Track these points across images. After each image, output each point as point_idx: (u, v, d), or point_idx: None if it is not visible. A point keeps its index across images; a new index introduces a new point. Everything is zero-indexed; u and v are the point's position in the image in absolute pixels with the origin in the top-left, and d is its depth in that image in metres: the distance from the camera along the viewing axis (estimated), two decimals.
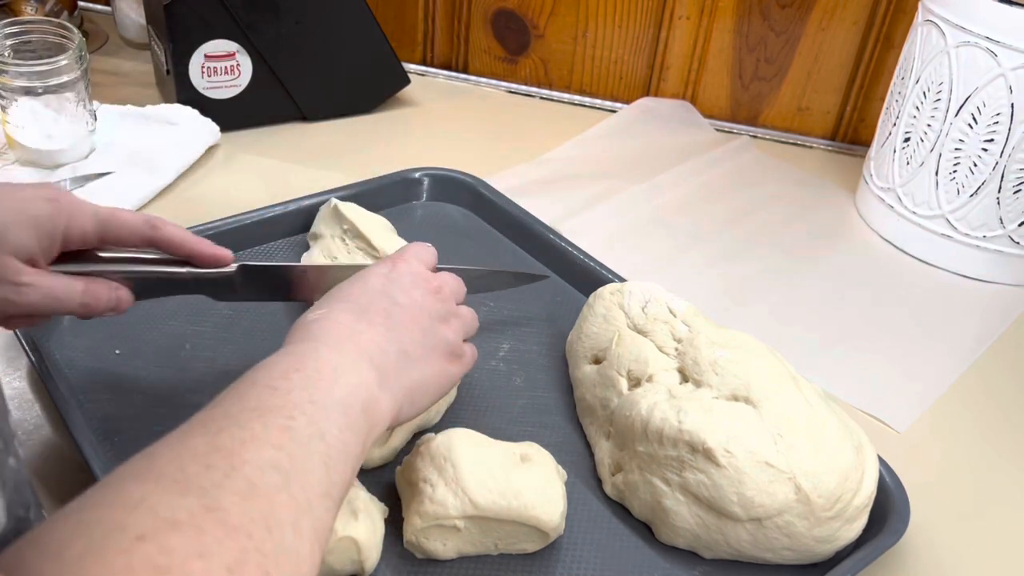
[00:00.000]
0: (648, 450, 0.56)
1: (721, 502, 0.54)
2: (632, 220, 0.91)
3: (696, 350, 0.60)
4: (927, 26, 0.85)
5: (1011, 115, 0.80)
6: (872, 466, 0.57)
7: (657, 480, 0.56)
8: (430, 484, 0.53)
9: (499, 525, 0.54)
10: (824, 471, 0.54)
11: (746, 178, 1.01)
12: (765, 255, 0.88)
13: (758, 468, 0.53)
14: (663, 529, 0.57)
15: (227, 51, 0.93)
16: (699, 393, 0.57)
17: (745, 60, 1.08)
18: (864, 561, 0.54)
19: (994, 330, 0.82)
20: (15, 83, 0.81)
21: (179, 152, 0.88)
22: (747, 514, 0.53)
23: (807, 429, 0.55)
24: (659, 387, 0.59)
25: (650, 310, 0.64)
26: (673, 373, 0.60)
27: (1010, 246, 0.86)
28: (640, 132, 1.07)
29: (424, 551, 0.54)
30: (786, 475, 0.53)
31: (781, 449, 0.54)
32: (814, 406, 0.57)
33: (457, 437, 0.55)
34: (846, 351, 0.77)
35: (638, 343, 0.62)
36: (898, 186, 0.90)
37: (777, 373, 0.58)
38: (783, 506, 0.53)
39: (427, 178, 0.87)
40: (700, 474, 0.54)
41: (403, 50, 1.14)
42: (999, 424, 0.72)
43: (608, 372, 0.63)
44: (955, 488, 0.65)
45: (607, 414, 0.62)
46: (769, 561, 0.56)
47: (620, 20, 1.08)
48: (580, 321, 0.69)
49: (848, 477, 0.54)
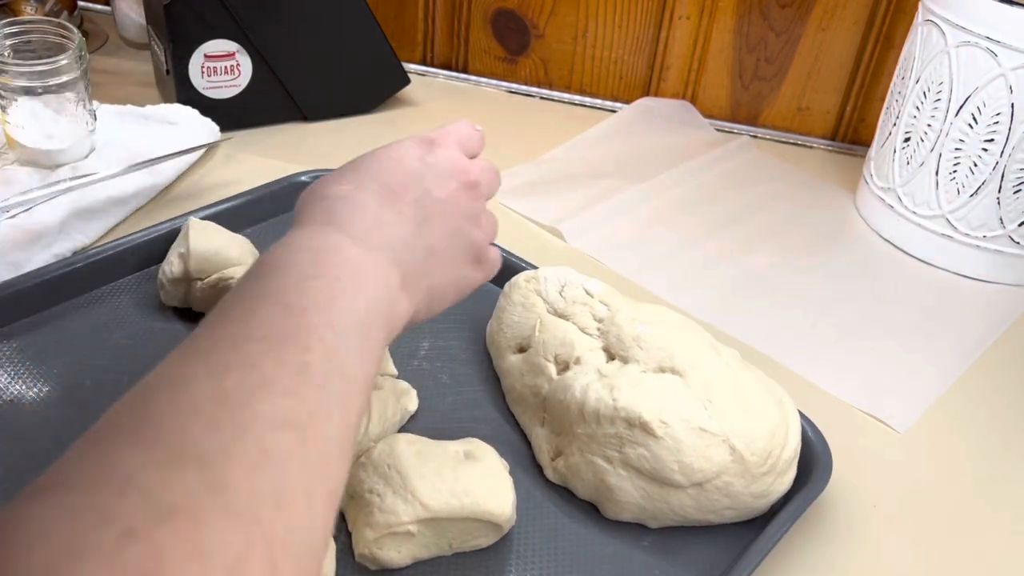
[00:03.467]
0: (586, 431, 0.58)
1: (663, 472, 0.55)
2: (632, 220, 0.91)
3: (618, 328, 0.61)
4: (927, 26, 0.85)
5: (1011, 115, 0.80)
6: (795, 420, 0.60)
7: (598, 459, 0.57)
8: (377, 494, 0.53)
9: (452, 524, 0.53)
10: (754, 430, 0.56)
11: (746, 178, 1.01)
12: (765, 255, 0.88)
13: (694, 435, 0.55)
14: (609, 506, 0.58)
15: (227, 51, 0.93)
16: (627, 369, 0.58)
17: (745, 60, 1.08)
18: (799, 510, 0.57)
19: (994, 330, 0.82)
20: (15, 83, 0.81)
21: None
22: (688, 480, 0.55)
23: (732, 392, 0.57)
24: (588, 368, 0.60)
25: (567, 293, 0.65)
26: (599, 353, 0.61)
27: (1010, 246, 0.86)
28: (640, 132, 1.07)
29: (378, 562, 0.53)
30: (720, 438, 0.55)
31: (712, 414, 0.56)
32: (735, 370, 0.59)
33: (398, 444, 0.54)
34: (846, 351, 0.77)
35: (561, 327, 0.63)
36: (898, 186, 0.90)
37: (698, 342, 0.60)
38: (720, 468, 0.55)
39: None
40: (640, 447, 0.56)
41: (403, 50, 1.14)
42: (1000, 424, 0.72)
43: (535, 359, 0.63)
44: (955, 488, 0.65)
45: (539, 401, 0.62)
46: (712, 522, 0.58)
47: (620, 20, 1.08)
48: (498, 312, 0.69)
49: (775, 433, 0.57)
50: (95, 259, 0.71)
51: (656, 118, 1.09)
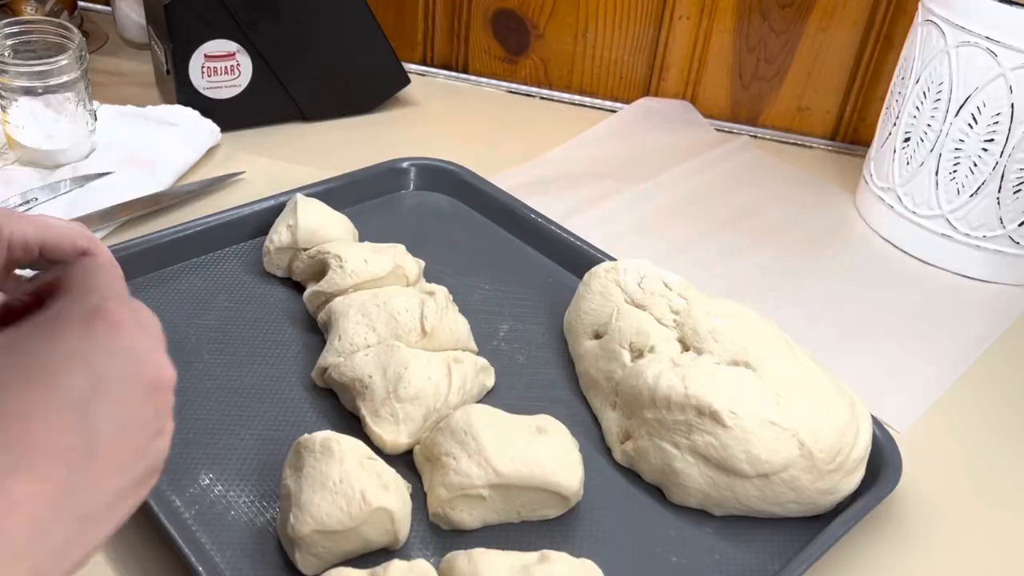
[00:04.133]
0: (656, 416, 0.59)
1: (730, 461, 0.56)
2: (632, 220, 0.91)
3: (694, 320, 0.63)
4: (927, 26, 0.85)
5: (1011, 115, 0.80)
6: (866, 421, 0.60)
7: (667, 444, 0.59)
8: (453, 457, 0.55)
9: (521, 492, 0.56)
10: (823, 426, 0.57)
11: (746, 178, 1.01)
12: (765, 255, 0.88)
13: (763, 427, 0.56)
14: (675, 490, 0.59)
15: (227, 51, 0.93)
16: (701, 360, 0.60)
17: (745, 60, 1.08)
18: (864, 510, 0.57)
19: (994, 330, 0.81)
20: (15, 83, 0.81)
21: (179, 153, 0.88)
22: (755, 470, 0.56)
23: (804, 388, 0.58)
24: (662, 356, 0.61)
25: (646, 285, 0.67)
26: (674, 343, 0.63)
27: (1010, 246, 0.86)
28: (640, 132, 1.07)
29: (450, 522, 0.56)
30: (789, 432, 0.56)
31: (782, 408, 0.57)
32: (808, 367, 0.60)
33: (475, 413, 0.57)
34: (846, 351, 0.77)
35: (637, 316, 0.65)
36: (898, 186, 0.90)
37: (772, 338, 0.62)
38: (788, 461, 0.56)
39: (414, 167, 0.89)
40: (708, 436, 0.57)
41: (403, 50, 1.14)
42: (1000, 424, 0.72)
43: (610, 346, 0.65)
44: (955, 488, 0.65)
45: (612, 386, 0.64)
46: (776, 515, 0.58)
47: (620, 20, 1.09)
48: (577, 300, 0.71)
49: (845, 432, 0.58)
50: (209, 226, 0.77)
51: (656, 118, 1.09)
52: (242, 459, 0.59)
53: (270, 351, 0.68)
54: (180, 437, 0.42)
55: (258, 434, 0.61)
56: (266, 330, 0.70)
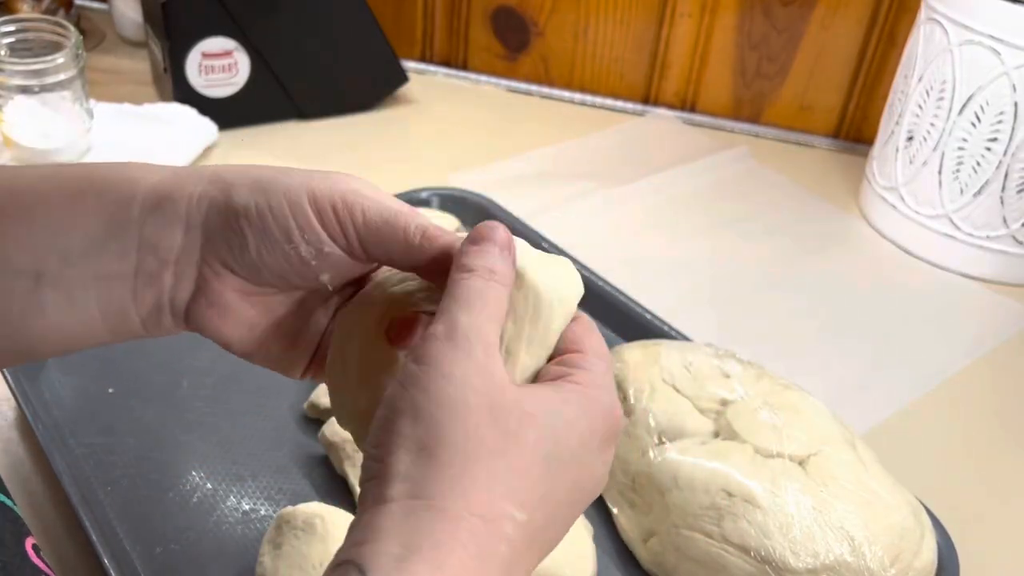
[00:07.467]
0: (679, 500, 0.52)
1: (770, 548, 0.50)
2: (632, 219, 0.90)
3: (741, 417, 0.55)
4: (930, 24, 0.85)
5: (1015, 114, 0.80)
6: (930, 532, 0.54)
7: (697, 534, 0.52)
8: None
9: None
10: (876, 528, 0.51)
11: (748, 178, 1.00)
12: (766, 254, 0.88)
13: (806, 515, 0.51)
14: None
15: (224, 49, 0.93)
16: (736, 445, 0.54)
17: (747, 58, 1.07)
18: None
19: (997, 330, 0.81)
20: (11, 81, 0.81)
21: (176, 151, 0.88)
22: (801, 562, 0.50)
23: (858, 486, 0.53)
24: (691, 442, 0.55)
25: (695, 369, 0.59)
26: (708, 435, 0.56)
27: (1013, 246, 0.85)
28: (641, 134, 1.06)
29: None
30: (836, 525, 0.51)
31: (828, 499, 0.51)
32: (868, 466, 0.55)
33: None
34: (848, 350, 0.76)
35: (674, 401, 0.57)
36: (901, 185, 0.89)
37: (831, 435, 0.55)
38: (837, 559, 0.50)
39: (435, 197, 0.83)
40: (741, 520, 0.51)
41: (402, 47, 1.13)
42: (1001, 424, 0.71)
43: (633, 430, 0.56)
44: (955, 488, 0.65)
45: (628, 479, 0.57)
46: None
47: (621, 17, 1.08)
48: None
49: (904, 537, 0.52)
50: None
51: (659, 120, 1.09)
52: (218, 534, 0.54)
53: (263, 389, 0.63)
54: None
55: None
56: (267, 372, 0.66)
